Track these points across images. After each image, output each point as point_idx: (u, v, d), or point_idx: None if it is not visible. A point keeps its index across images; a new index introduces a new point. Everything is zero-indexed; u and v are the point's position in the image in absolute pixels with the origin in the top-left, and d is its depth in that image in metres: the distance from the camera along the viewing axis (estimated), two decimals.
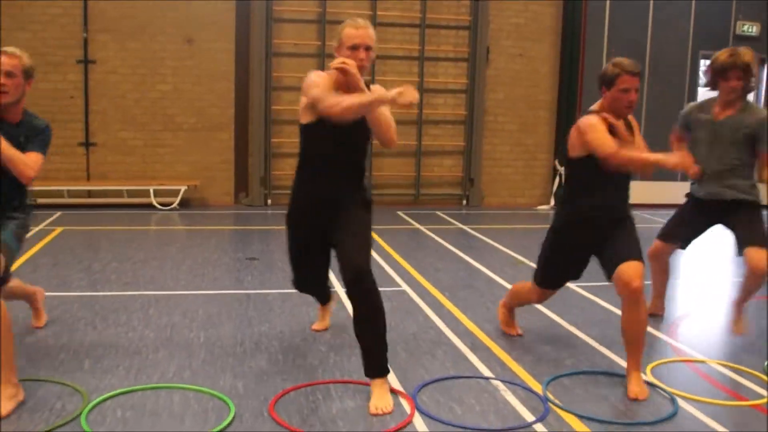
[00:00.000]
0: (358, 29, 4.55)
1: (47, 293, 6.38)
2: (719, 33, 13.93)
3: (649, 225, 11.38)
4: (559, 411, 4.26)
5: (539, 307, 6.39)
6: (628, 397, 4.48)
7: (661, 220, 11.64)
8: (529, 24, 13.47)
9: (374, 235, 8.40)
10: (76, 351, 5.05)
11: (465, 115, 13.35)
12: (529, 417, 4.17)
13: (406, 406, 4.28)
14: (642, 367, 4.87)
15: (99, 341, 5.28)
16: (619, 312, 6.26)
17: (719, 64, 5.33)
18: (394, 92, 4.11)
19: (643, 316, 4.61)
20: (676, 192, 13.53)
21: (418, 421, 4.09)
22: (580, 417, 4.18)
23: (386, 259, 8.21)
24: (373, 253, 8.40)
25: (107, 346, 5.17)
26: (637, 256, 4.69)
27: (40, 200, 11.71)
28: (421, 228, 10.73)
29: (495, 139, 13.56)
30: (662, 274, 6.20)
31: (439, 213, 12.36)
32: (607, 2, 13.56)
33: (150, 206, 12.02)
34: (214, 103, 12.52)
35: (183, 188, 12.10)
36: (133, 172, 12.48)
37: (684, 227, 5.90)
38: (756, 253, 5.30)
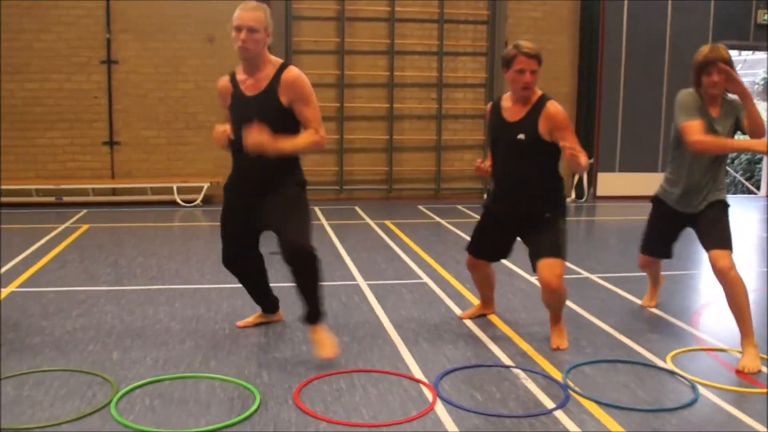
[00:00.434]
0: (243, 11, 4.74)
1: (76, 288, 6.52)
2: (740, 23, 13.87)
3: None
4: (579, 398, 4.31)
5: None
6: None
7: None
8: (547, 17, 13.48)
9: (393, 228, 8.40)
10: (105, 343, 5.15)
11: (484, 109, 13.36)
12: (550, 404, 4.23)
13: (428, 394, 4.35)
14: (663, 355, 4.94)
15: (126, 333, 5.39)
16: (638, 301, 6.34)
17: (702, 59, 5.23)
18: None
19: (562, 303, 5.19)
20: None
21: (440, 408, 4.16)
22: (601, 404, 4.22)
23: (408, 253, 8.27)
24: (394, 246, 8.48)
25: (134, 338, 5.28)
26: (552, 254, 5.03)
27: (67, 198, 11.86)
28: (442, 222, 10.79)
29: None
30: (657, 277, 6.28)
31: (459, 207, 12.40)
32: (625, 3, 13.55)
33: (173, 203, 12.14)
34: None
35: (206, 185, 12.20)
36: (157, 170, 12.59)
37: (664, 240, 5.81)
38: (714, 255, 5.07)
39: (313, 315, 4.92)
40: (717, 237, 5.12)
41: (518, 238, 5.41)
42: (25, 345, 5.10)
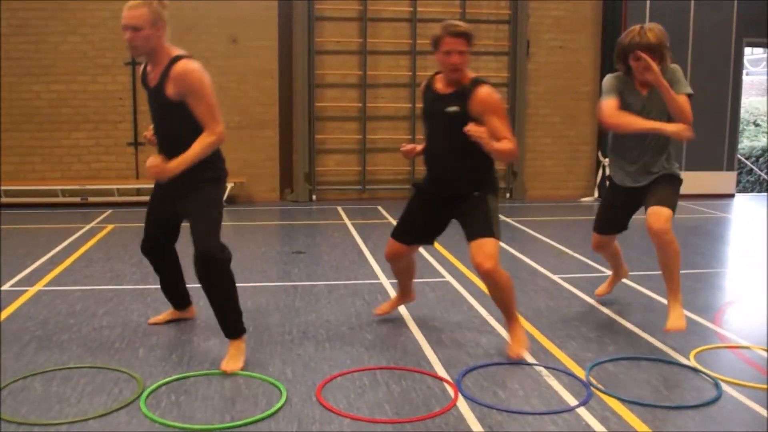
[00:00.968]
0: (126, 10, 4.62)
1: (102, 287, 6.59)
2: (763, 19, 13.78)
3: (692, 215, 11.37)
4: (602, 395, 4.33)
5: (581, 294, 6.46)
6: None
7: (706, 210, 11.62)
8: (569, 15, 13.45)
9: None
10: (131, 340, 5.21)
11: (507, 108, 13.35)
12: (573, 401, 4.25)
13: (451, 391, 4.38)
14: (686, 353, 4.95)
15: (152, 331, 5.45)
16: (661, 299, 6.33)
17: (626, 44, 5.14)
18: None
19: (503, 291, 4.97)
20: (721, 181, 13.57)
21: (463, 405, 4.18)
22: (623, 401, 4.24)
23: (430, 251, 8.29)
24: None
25: (160, 335, 5.34)
26: (481, 235, 4.89)
27: (92, 199, 11.96)
28: None
29: (537, 131, 13.56)
30: (615, 256, 6.23)
31: None
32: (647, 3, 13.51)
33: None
34: (258, 101, 12.67)
35: (229, 185, 12.26)
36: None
37: (614, 217, 5.87)
38: (651, 211, 5.17)
39: (224, 328, 4.82)
40: (659, 197, 5.18)
41: (451, 221, 5.34)
42: (52, 342, 5.17)
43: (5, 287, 6.63)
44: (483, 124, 4.75)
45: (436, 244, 8.64)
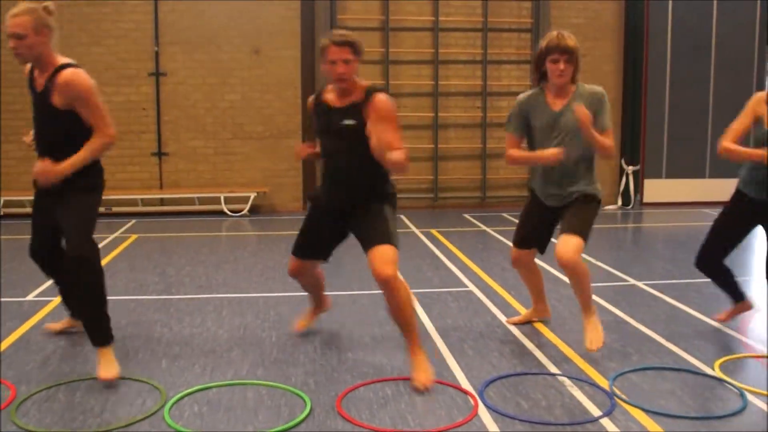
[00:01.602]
0: (8, 18, 4.62)
1: (124, 297, 6.62)
2: None
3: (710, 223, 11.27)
4: (626, 406, 4.30)
5: (605, 304, 6.42)
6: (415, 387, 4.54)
7: None
8: (591, 23, 13.42)
9: (439, 237, 8.43)
10: (154, 351, 5.23)
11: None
12: (596, 412, 4.22)
13: (473, 402, 4.36)
14: (710, 363, 4.91)
15: (175, 341, 5.46)
16: (685, 308, 6.30)
17: (545, 47, 5.04)
18: None
19: (402, 303, 4.65)
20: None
21: (485, 415, 4.17)
22: (648, 411, 4.21)
23: (453, 261, 8.29)
24: (440, 255, 8.49)
25: (183, 346, 5.35)
26: (384, 240, 4.68)
27: (116, 209, 12.02)
28: (488, 230, 10.78)
29: None
30: (534, 276, 5.91)
31: (505, 215, 12.37)
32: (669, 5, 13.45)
33: (221, 213, 12.25)
34: (281, 110, 12.71)
35: (253, 195, 12.31)
36: (204, 180, 12.72)
37: (533, 232, 5.65)
38: (561, 240, 5.09)
39: (95, 335, 4.77)
40: (572, 223, 5.11)
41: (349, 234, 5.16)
42: (76, 352, 5.19)
43: (30, 297, 6.68)
44: (373, 131, 4.56)
45: (460, 254, 8.65)
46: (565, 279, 7.30)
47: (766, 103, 5.18)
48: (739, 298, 5.84)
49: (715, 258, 5.60)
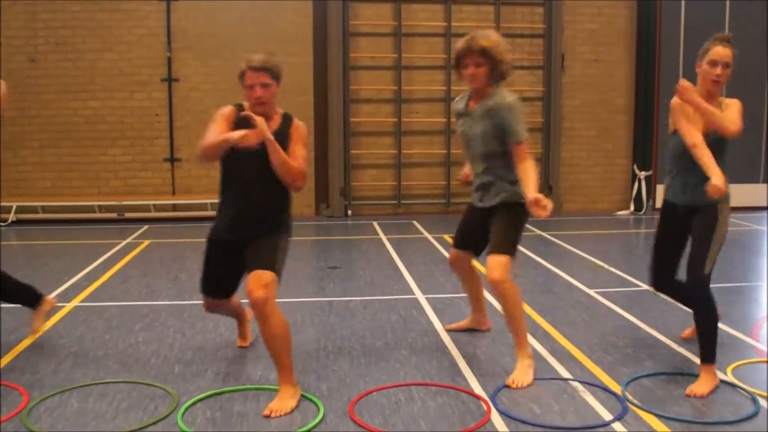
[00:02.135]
0: None
1: (137, 302, 6.65)
2: None
3: (728, 228, 11.24)
4: (638, 411, 4.29)
5: (618, 309, 6.42)
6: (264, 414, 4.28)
7: (742, 223, 11.50)
8: (603, 28, 13.40)
9: (451, 242, 8.41)
10: (167, 356, 5.24)
11: (542, 122, 13.32)
12: (608, 416, 4.22)
13: (485, 407, 4.37)
14: (723, 368, 4.89)
15: (187, 347, 5.48)
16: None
17: (455, 53, 5.01)
18: None
19: (274, 330, 4.41)
20: (758, 194, 13.41)
21: (498, 420, 4.17)
22: (660, 417, 4.20)
23: None
24: None
25: (195, 351, 5.37)
26: (262, 266, 4.50)
27: (128, 214, 12.05)
28: None
29: (572, 145, 13.50)
30: (470, 281, 5.79)
31: None
32: (683, 2, 13.41)
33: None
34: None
35: None
36: (216, 186, 12.67)
37: (468, 232, 5.52)
38: (488, 262, 4.98)
39: None
40: (495, 239, 5.03)
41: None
42: (89, 358, 5.21)
43: None
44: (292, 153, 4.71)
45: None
46: (578, 284, 7.31)
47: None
48: None
49: (667, 275, 5.32)
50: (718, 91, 5.06)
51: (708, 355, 4.66)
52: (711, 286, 4.76)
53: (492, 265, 4.91)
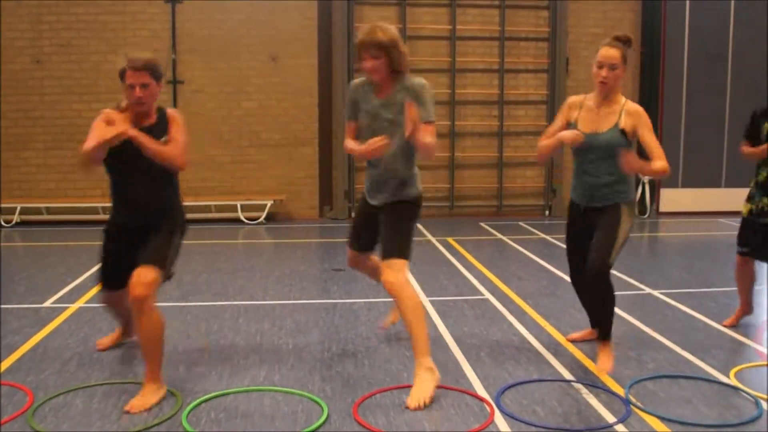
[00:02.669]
0: None
1: None
2: None
3: (732, 232, 11.24)
4: (641, 413, 4.30)
5: (621, 312, 6.40)
6: None
7: None
8: (609, 32, 13.23)
9: (455, 245, 8.43)
10: (171, 357, 5.24)
11: (546, 125, 13.29)
12: (611, 419, 4.22)
13: (489, 409, 4.37)
14: (726, 371, 4.89)
15: (192, 348, 5.49)
16: (701, 317, 6.28)
17: (357, 43, 4.74)
18: None
19: (148, 328, 4.44)
20: None
21: (501, 422, 4.17)
22: (663, 419, 4.21)
23: (469, 269, 8.29)
24: (456, 263, 8.50)
25: (200, 352, 5.38)
26: (148, 261, 4.52)
27: None
28: (504, 238, 10.77)
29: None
30: (376, 277, 5.50)
31: (521, 223, 12.36)
32: (687, 5, 13.39)
33: (237, 221, 12.28)
34: (298, 118, 12.74)
35: (269, 203, 12.33)
36: (221, 188, 12.75)
37: (361, 230, 5.26)
38: (383, 266, 4.77)
39: None
40: (389, 245, 4.81)
41: None
42: (93, 358, 5.22)
43: (47, 304, 6.73)
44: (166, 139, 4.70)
45: (476, 262, 8.64)
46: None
47: (578, 108, 5.28)
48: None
49: (582, 271, 5.26)
50: (608, 92, 5.18)
51: (608, 334, 5.13)
52: (715, 289, 4.78)
53: (386, 268, 4.71)
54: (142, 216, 4.80)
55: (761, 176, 5.88)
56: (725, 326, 6.04)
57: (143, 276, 4.45)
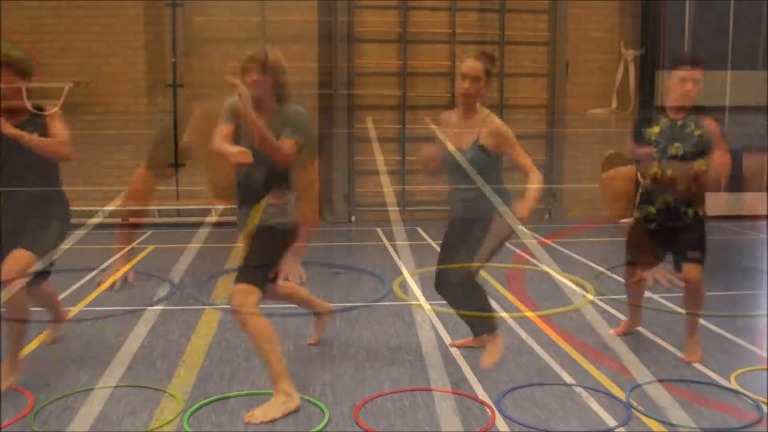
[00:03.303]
0: None
1: (143, 307, 6.65)
2: None
3: (732, 237, 11.27)
4: (642, 417, 4.31)
5: (621, 316, 6.40)
6: None
7: (749, 231, 11.52)
8: (608, 37, 13.41)
9: None
10: (172, 360, 5.26)
11: (545, 129, 13.34)
12: (612, 423, 4.23)
13: (490, 412, 4.38)
14: (727, 375, 4.91)
15: (193, 351, 5.49)
16: (701, 321, 6.28)
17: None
18: None
19: (10, 311, 4.52)
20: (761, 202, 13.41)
21: (502, 426, 4.19)
22: (664, 423, 4.22)
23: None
24: None
25: (202, 356, 5.38)
26: (24, 246, 4.56)
27: (133, 220, 12.05)
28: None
29: (576, 152, 13.49)
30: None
31: (521, 227, 12.33)
32: (687, 10, 13.41)
33: (236, 224, 12.25)
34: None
35: None
36: (220, 191, 12.74)
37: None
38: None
39: None
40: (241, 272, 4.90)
41: None
42: (94, 361, 5.23)
43: None
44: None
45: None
46: (582, 291, 7.32)
47: (447, 124, 5.43)
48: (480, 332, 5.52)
49: (445, 278, 5.33)
50: (470, 105, 5.20)
51: (489, 328, 5.28)
52: (716, 293, 4.81)
53: (235, 294, 4.79)
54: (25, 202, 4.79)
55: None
56: (613, 333, 6.01)
57: (15, 261, 4.51)
